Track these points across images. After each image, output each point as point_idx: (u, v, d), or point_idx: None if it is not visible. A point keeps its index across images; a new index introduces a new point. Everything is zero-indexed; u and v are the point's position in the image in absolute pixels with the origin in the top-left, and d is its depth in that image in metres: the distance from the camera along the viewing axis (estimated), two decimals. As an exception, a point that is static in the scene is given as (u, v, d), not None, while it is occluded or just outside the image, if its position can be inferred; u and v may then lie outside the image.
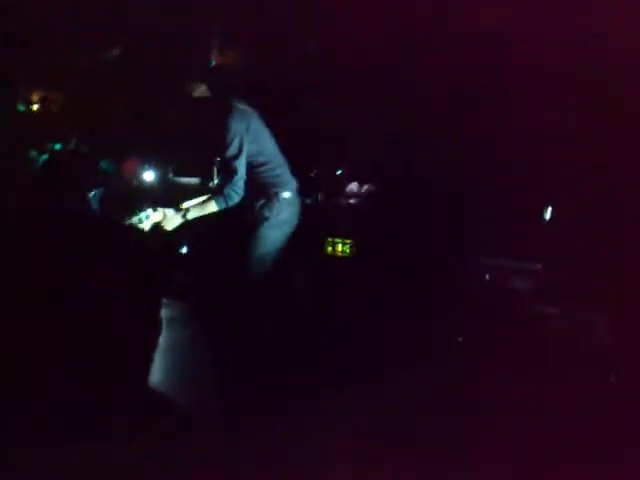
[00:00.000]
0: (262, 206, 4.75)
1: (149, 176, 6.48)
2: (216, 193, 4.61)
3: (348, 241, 5.67)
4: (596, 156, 5.06)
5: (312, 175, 6.00)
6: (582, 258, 4.90)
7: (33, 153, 6.39)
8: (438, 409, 3.97)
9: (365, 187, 6.01)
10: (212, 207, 4.58)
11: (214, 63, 6.77)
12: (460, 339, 4.94)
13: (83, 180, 6.22)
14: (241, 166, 4.60)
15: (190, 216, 4.53)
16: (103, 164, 6.38)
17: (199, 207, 4.60)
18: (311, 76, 6.31)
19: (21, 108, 6.65)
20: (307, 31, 6.37)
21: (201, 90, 5.31)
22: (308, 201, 5.68)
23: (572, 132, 5.22)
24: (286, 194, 4.80)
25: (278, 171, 4.81)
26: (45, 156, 6.38)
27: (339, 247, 5.68)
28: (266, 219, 4.70)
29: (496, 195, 5.47)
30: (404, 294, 5.36)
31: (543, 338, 4.74)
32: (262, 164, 4.76)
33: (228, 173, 4.59)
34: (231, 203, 4.59)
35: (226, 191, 4.57)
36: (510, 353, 4.57)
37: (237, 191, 4.57)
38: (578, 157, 5.17)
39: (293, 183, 4.89)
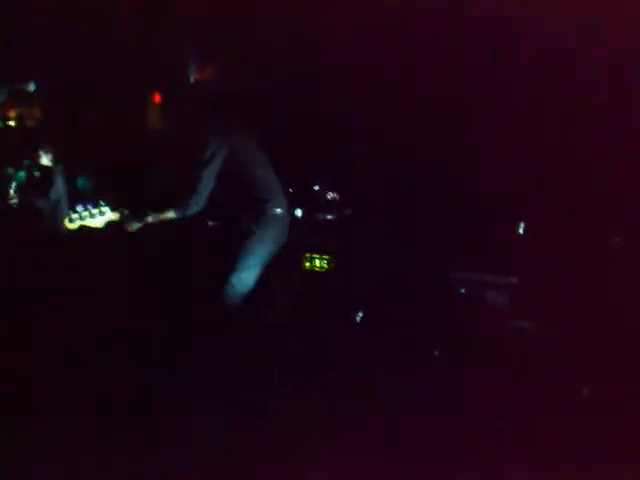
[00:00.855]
0: (251, 220, 4.83)
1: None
2: (177, 203, 4.73)
3: (326, 257, 5.70)
4: (571, 170, 5.15)
5: (289, 190, 6.02)
6: (557, 273, 4.98)
7: (9, 170, 6.36)
8: (411, 419, 4.02)
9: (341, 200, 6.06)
10: (170, 215, 4.74)
11: (193, 79, 6.80)
12: (436, 353, 4.99)
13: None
14: (207, 178, 4.71)
15: (149, 220, 4.67)
16: (79, 181, 6.36)
17: (158, 213, 4.75)
18: (288, 90, 6.35)
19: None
20: (286, 45, 6.42)
21: (180, 104, 5.39)
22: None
23: (545, 146, 5.31)
24: (276, 210, 4.87)
25: (268, 187, 4.89)
26: (22, 173, 6.35)
27: (317, 262, 5.72)
28: (254, 234, 4.78)
29: (471, 209, 5.55)
30: (380, 309, 5.40)
31: (517, 352, 4.80)
32: (251, 179, 4.85)
33: (192, 183, 4.73)
34: (189, 213, 4.75)
35: (186, 201, 4.71)
36: (484, 366, 4.63)
37: (198, 202, 4.74)
38: (553, 171, 5.26)
39: (284, 200, 4.97)
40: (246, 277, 4.83)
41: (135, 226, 4.70)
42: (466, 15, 5.45)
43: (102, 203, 4.65)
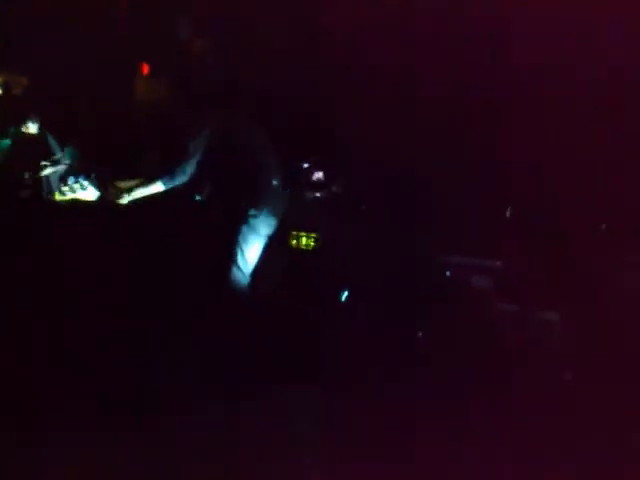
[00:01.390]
0: (251, 197, 4.81)
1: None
2: (163, 173, 4.68)
3: (313, 235, 5.69)
4: (558, 153, 5.17)
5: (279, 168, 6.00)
6: (542, 256, 5.01)
7: (-5, 136, 6.28)
8: (394, 405, 4.03)
9: (329, 179, 6.04)
10: (158, 186, 4.63)
11: (182, 51, 6.73)
12: (420, 334, 5.01)
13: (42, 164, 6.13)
14: (195, 148, 4.68)
15: (135, 195, 4.60)
16: (66, 151, 6.28)
17: (143, 187, 4.66)
18: (283, 72, 6.31)
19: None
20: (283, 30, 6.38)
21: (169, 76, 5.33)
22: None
23: (532, 129, 5.33)
24: (274, 183, 4.86)
25: (267, 162, 4.87)
26: (6, 141, 6.27)
27: (303, 240, 5.71)
28: (255, 211, 4.75)
29: (457, 192, 5.56)
30: (365, 289, 5.41)
31: (502, 335, 4.84)
32: (249, 155, 4.82)
33: (184, 152, 4.67)
34: (179, 182, 4.67)
35: (176, 169, 4.65)
36: (469, 350, 4.66)
37: (185, 171, 4.68)
38: (538, 154, 5.27)
39: (279, 172, 4.95)
40: (250, 256, 4.82)
41: (123, 198, 4.64)
42: (468, 16, 5.45)
43: (93, 175, 4.59)
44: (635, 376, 4.02)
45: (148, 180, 4.80)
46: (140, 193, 4.71)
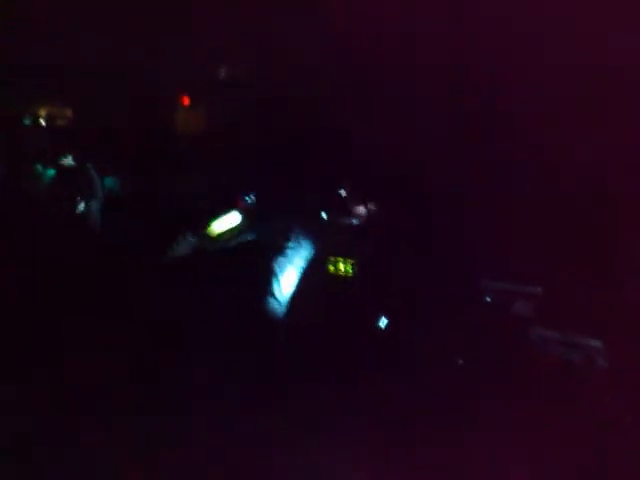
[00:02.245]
0: (285, 230, 4.86)
1: None
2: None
3: (350, 260, 5.67)
4: (603, 181, 5.09)
5: (316, 194, 6.02)
6: (584, 283, 4.91)
7: (38, 167, 6.42)
8: (436, 431, 3.99)
9: (368, 207, 6.03)
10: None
11: (222, 80, 6.84)
12: (460, 362, 4.94)
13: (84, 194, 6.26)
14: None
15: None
16: (107, 181, 6.41)
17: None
18: (316, 91, 6.34)
19: (26, 122, 6.69)
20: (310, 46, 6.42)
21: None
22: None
23: (577, 151, 5.25)
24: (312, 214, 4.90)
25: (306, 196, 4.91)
26: (51, 171, 6.41)
27: (341, 266, 5.69)
28: (289, 244, 4.81)
29: (498, 217, 5.49)
30: (405, 315, 5.36)
31: (542, 362, 4.74)
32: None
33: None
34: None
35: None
36: (509, 376, 4.58)
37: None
38: (586, 183, 5.20)
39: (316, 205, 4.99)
40: (286, 285, 4.87)
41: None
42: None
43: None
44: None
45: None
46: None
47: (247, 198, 5.07)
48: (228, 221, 5.64)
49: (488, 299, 5.39)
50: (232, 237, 5.47)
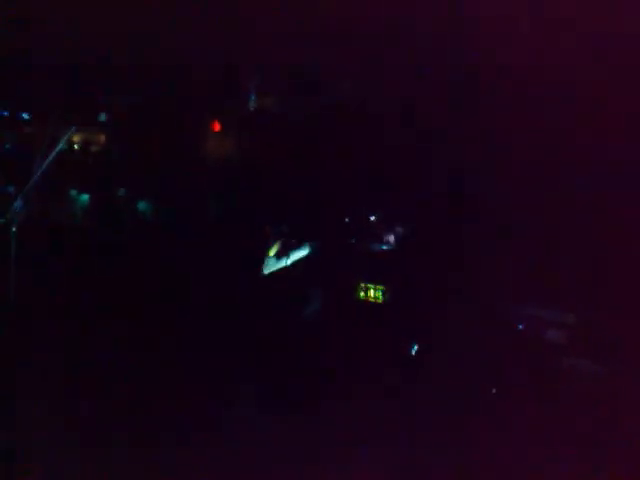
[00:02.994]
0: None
1: None
2: None
3: (380, 287, 5.67)
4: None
5: (346, 220, 6.03)
6: (617, 312, 4.85)
7: (73, 192, 6.53)
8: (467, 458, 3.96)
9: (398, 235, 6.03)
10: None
11: (253, 108, 6.92)
12: (494, 391, 4.89)
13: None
14: None
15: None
16: (141, 205, 6.49)
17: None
18: (343, 119, 6.38)
19: (63, 148, 6.81)
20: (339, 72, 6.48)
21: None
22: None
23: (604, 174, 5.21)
24: None
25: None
26: (85, 196, 6.51)
27: (371, 293, 5.69)
28: None
29: (532, 245, 5.46)
30: (436, 341, 5.33)
31: (574, 390, 4.68)
32: None
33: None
34: None
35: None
36: (541, 404, 4.53)
37: None
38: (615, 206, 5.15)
39: None
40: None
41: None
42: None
43: None
44: None
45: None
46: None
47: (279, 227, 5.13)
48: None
49: (521, 326, 5.34)
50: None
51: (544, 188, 5.46)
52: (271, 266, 5.58)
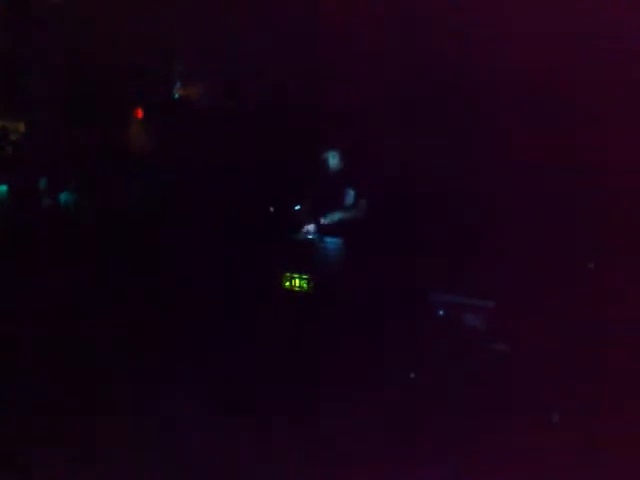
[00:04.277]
0: None
1: None
2: None
3: (305, 276, 5.75)
4: (552, 197, 5.24)
5: (270, 210, 6.09)
6: (534, 297, 5.06)
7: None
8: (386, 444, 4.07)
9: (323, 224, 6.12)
10: None
11: (177, 96, 6.88)
12: (412, 375, 5.04)
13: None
14: None
15: None
16: (63, 196, 6.38)
17: None
18: (270, 110, 6.42)
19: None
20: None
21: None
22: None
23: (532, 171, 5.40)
24: None
25: None
26: (3, 187, 6.36)
27: (297, 282, 5.76)
28: None
29: (450, 233, 5.62)
30: (358, 328, 5.45)
31: (492, 374, 4.87)
32: None
33: None
34: None
35: None
36: (460, 388, 4.70)
37: None
38: (529, 194, 5.35)
39: None
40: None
41: None
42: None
43: None
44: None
45: None
46: None
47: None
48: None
49: (440, 312, 5.51)
50: None
51: (460, 177, 5.63)
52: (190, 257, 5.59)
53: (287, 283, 5.75)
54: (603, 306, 4.65)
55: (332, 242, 5.96)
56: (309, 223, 5.90)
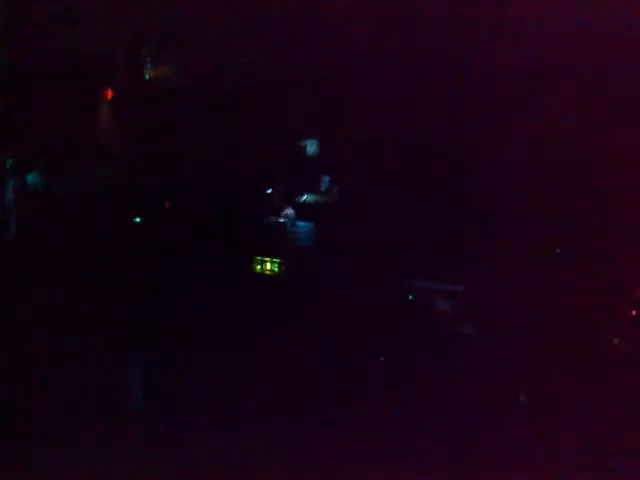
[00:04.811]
0: None
1: None
2: None
3: (277, 260, 5.76)
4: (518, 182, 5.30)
5: (242, 193, 6.07)
6: (502, 282, 5.13)
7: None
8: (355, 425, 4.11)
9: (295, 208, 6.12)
10: None
11: (148, 76, 6.80)
12: (382, 358, 5.09)
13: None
14: None
15: None
16: (30, 177, 6.29)
17: None
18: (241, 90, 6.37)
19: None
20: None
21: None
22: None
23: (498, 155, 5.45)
24: None
25: None
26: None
27: (267, 265, 5.77)
28: None
29: (422, 219, 5.67)
30: (329, 312, 5.49)
31: (460, 357, 4.94)
32: None
33: None
34: None
35: None
36: (429, 370, 4.76)
37: None
38: (497, 179, 5.41)
39: None
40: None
41: None
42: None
43: None
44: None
45: None
46: None
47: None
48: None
49: (410, 297, 5.57)
50: None
51: (431, 164, 5.67)
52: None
53: (258, 267, 5.75)
54: (570, 290, 4.73)
55: (304, 226, 5.97)
56: (281, 207, 5.90)
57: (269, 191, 6.02)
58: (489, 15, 5.45)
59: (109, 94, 6.83)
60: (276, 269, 5.75)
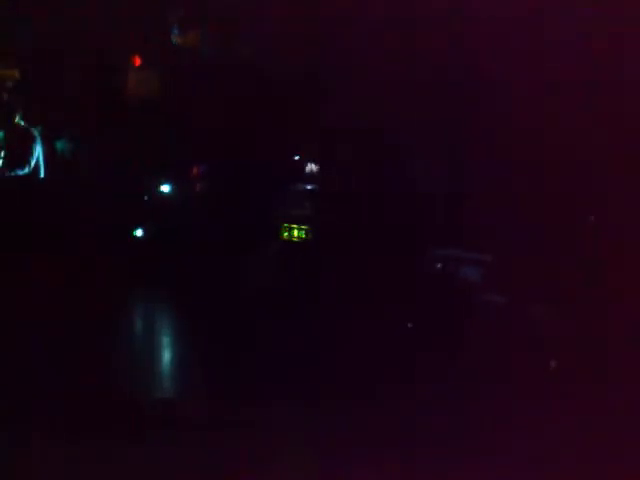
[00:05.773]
0: None
1: None
2: None
3: (304, 227, 5.75)
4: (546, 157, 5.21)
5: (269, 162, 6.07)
6: (532, 250, 5.07)
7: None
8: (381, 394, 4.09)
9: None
10: None
11: (175, 43, 6.78)
12: (410, 325, 5.07)
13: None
14: None
15: None
16: (59, 144, 6.33)
17: None
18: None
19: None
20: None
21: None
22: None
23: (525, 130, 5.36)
24: None
25: None
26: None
27: (295, 232, 5.77)
28: None
29: (449, 187, 5.61)
30: (357, 280, 5.47)
31: (490, 326, 4.90)
32: None
33: None
34: None
35: None
36: (459, 339, 4.73)
37: None
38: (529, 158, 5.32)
39: None
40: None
41: None
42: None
43: None
44: (616, 364, 4.11)
45: None
46: None
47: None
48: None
49: (439, 265, 5.53)
50: None
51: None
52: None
53: (285, 234, 5.75)
54: (603, 258, 4.65)
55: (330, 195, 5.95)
56: (309, 175, 5.89)
57: (296, 157, 6.00)
58: (491, 15, 5.35)
59: (137, 61, 6.83)
60: (303, 235, 5.74)
